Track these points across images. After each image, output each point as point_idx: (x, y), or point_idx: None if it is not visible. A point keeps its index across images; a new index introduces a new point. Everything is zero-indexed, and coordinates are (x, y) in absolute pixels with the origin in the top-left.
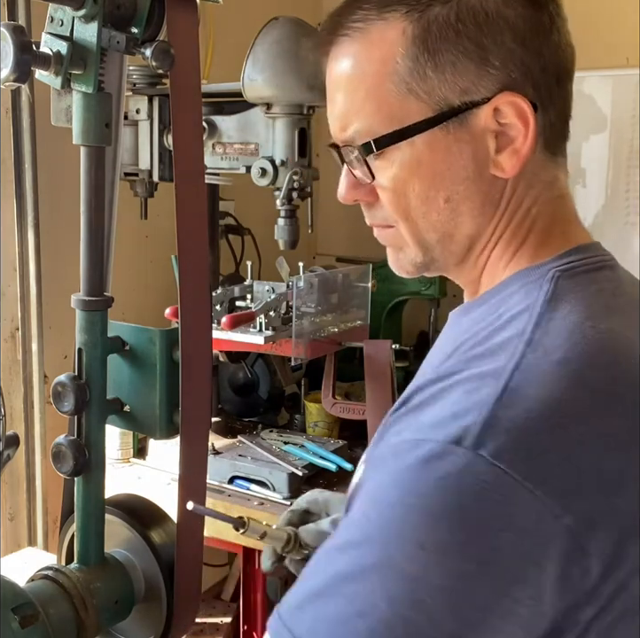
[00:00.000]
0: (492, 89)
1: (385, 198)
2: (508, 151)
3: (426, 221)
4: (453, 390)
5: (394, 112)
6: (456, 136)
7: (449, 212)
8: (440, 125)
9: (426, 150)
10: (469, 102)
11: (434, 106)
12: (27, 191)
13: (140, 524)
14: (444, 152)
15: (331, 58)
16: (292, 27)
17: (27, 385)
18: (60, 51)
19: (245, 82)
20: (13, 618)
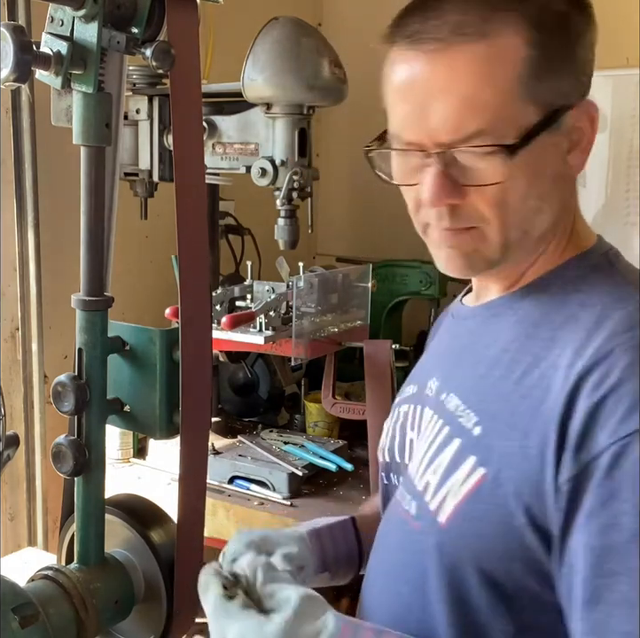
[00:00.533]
0: (579, 94)
1: (485, 197)
2: (577, 150)
3: (517, 218)
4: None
5: (514, 114)
6: (552, 138)
7: (535, 210)
8: (549, 128)
9: (533, 150)
10: (567, 105)
11: (544, 109)
12: (27, 191)
13: (140, 524)
14: (544, 153)
15: (437, 60)
16: (292, 27)
17: (27, 385)
18: (60, 51)
19: (245, 82)
20: (13, 618)
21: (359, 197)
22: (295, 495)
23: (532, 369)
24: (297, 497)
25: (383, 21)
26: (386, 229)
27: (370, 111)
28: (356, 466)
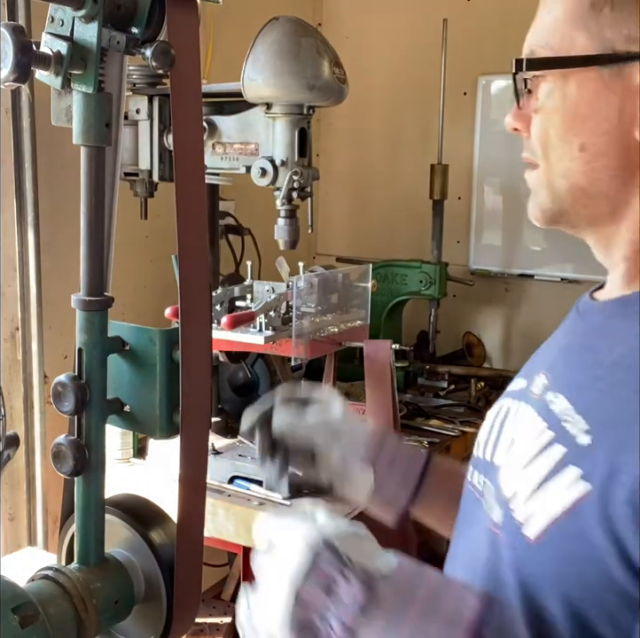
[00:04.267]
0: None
1: (533, 130)
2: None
3: (561, 165)
4: None
5: (565, 42)
6: (608, 83)
7: (583, 163)
8: (596, 66)
9: (576, 88)
10: (632, 52)
11: (599, 46)
12: (27, 191)
13: (140, 524)
14: (591, 97)
15: None
16: (292, 27)
17: (27, 385)
18: (60, 51)
19: (245, 82)
20: (13, 618)
21: (359, 197)
22: (295, 495)
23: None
24: (297, 497)
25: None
26: (386, 229)
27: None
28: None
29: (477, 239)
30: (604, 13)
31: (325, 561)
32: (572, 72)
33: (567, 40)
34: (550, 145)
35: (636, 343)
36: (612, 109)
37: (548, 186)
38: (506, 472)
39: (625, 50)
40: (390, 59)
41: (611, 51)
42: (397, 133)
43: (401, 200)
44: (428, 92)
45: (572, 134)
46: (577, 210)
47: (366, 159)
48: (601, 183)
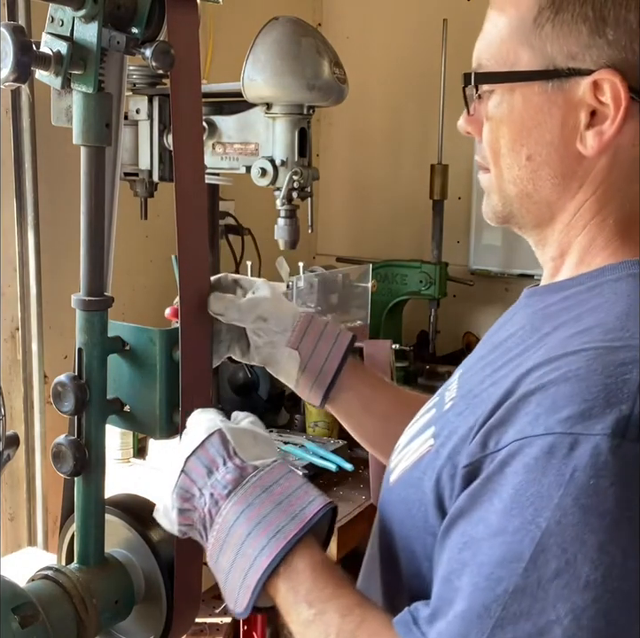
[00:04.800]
0: (598, 62)
1: (484, 137)
2: (595, 129)
3: (510, 172)
4: (590, 375)
5: (510, 57)
6: (552, 97)
7: (530, 171)
8: (540, 81)
9: (522, 101)
10: (572, 68)
11: (542, 62)
12: (27, 191)
13: (140, 524)
14: (535, 110)
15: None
16: (292, 27)
17: (27, 385)
18: (60, 51)
19: (245, 82)
20: (13, 618)
21: (359, 197)
22: None
23: (514, 359)
24: None
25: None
26: (386, 229)
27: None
28: (356, 466)
29: (477, 239)
30: (546, 30)
31: (213, 446)
32: (517, 85)
33: (512, 55)
34: (500, 154)
35: (515, 328)
36: (556, 121)
37: (499, 191)
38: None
39: (566, 67)
40: (390, 59)
41: (553, 67)
42: (397, 133)
43: (402, 200)
44: (428, 92)
45: (519, 144)
46: (523, 213)
47: (366, 159)
48: (544, 190)
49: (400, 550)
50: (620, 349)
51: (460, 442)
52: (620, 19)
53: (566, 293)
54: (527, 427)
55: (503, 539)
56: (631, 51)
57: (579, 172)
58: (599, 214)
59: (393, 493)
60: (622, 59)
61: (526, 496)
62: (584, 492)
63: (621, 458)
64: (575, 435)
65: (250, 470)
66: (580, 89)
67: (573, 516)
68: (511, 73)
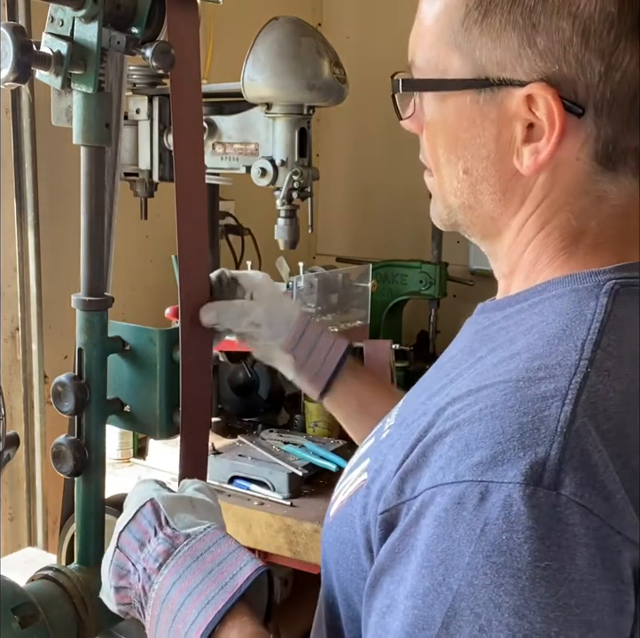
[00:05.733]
0: (530, 74)
1: (423, 142)
2: (531, 147)
3: (450, 183)
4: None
5: (439, 61)
6: (484, 109)
7: (468, 185)
8: (470, 91)
9: (454, 112)
10: (503, 79)
11: (472, 70)
12: (27, 191)
13: None
14: (468, 122)
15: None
16: (292, 27)
17: (27, 385)
18: (60, 51)
19: (245, 82)
20: (13, 618)
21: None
22: (295, 495)
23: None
24: (297, 497)
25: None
26: (386, 229)
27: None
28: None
29: None
30: (474, 35)
31: (145, 517)
32: (448, 94)
33: (443, 59)
34: (440, 163)
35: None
36: (490, 135)
37: (442, 200)
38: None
39: (496, 77)
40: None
41: (484, 76)
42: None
43: (402, 200)
44: None
45: (455, 156)
46: (469, 224)
47: (366, 159)
48: (486, 205)
49: (337, 592)
50: (543, 380)
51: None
52: (551, 26)
53: (509, 311)
54: (439, 473)
55: (414, 602)
56: (566, 63)
57: (518, 189)
58: (543, 231)
59: (330, 529)
60: (556, 72)
61: (436, 553)
62: (496, 548)
63: (536, 509)
64: (486, 483)
65: (182, 539)
66: (513, 101)
67: (485, 576)
68: (439, 82)
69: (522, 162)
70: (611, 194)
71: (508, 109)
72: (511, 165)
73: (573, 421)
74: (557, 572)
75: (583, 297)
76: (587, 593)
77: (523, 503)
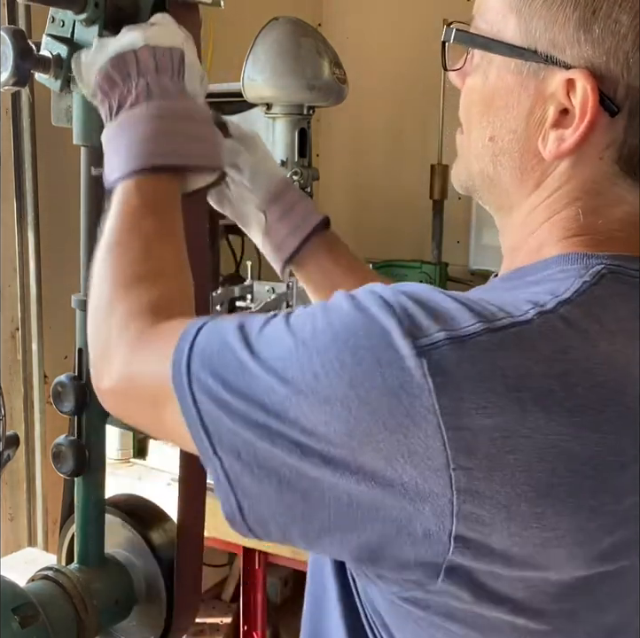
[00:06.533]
0: (578, 59)
1: (461, 97)
2: (558, 132)
3: (475, 147)
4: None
5: (496, 24)
6: (524, 81)
7: (491, 153)
8: (517, 59)
9: (496, 75)
10: (552, 56)
11: (524, 39)
12: (27, 191)
13: (140, 524)
14: (507, 90)
15: None
16: (292, 27)
17: (27, 385)
18: (60, 54)
19: (245, 82)
20: (13, 618)
21: (359, 197)
22: None
23: None
24: None
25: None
26: (386, 229)
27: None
28: None
29: (477, 239)
30: (537, 3)
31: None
32: (495, 57)
33: (501, 20)
34: (471, 123)
35: None
36: (523, 110)
37: (465, 161)
38: None
39: (546, 53)
40: (390, 59)
41: (534, 48)
42: (397, 133)
43: (401, 200)
44: (428, 92)
45: (485, 120)
46: (485, 193)
47: (366, 159)
48: (504, 178)
49: None
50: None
51: None
52: (611, 16)
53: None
54: None
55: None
56: (614, 58)
57: (536, 172)
58: (550, 220)
59: None
60: (602, 64)
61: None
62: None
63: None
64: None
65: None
66: (554, 82)
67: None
68: (491, 42)
69: (546, 146)
70: (626, 201)
71: (547, 88)
72: (535, 146)
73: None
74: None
75: (568, 276)
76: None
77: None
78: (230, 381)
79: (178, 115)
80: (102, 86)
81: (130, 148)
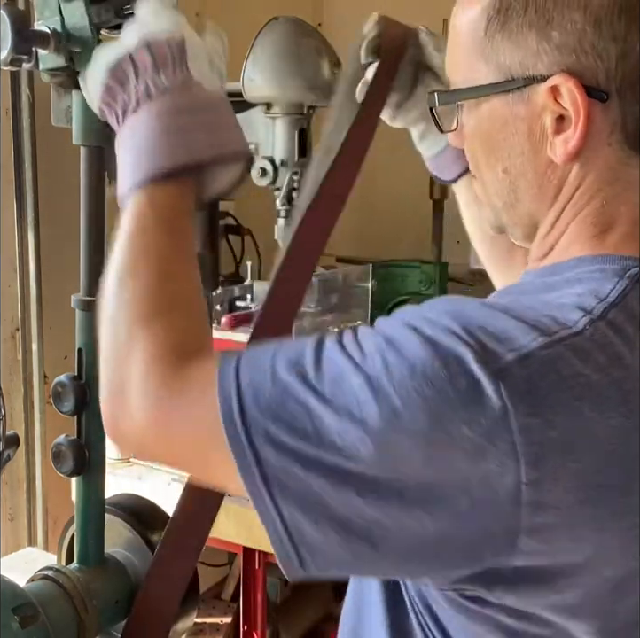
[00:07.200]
0: (551, 68)
1: (465, 151)
2: (562, 137)
3: (492, 185)
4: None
5: (470, 72)
6: (514, 109)
7: (508, 183)
8: (500, 94)
9: (487, 116)
10: (528, 76)
11: (498, 74)
12: (27, 191)
13: (140, 524)
14: (501, 123)
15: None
16: (292, 27)
17: (27, 385)
18: (56, 29)
19: (245, 82)
20: (13, 618)
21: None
22: None
23: None
24: None
25: None
26: (386, 229)
27: None
28: None
29: None
30: (497, 41)
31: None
32: (481, 100)
33: (473, 70)
34: (481, 168)
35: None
36: (522, 133)
37: (488, 203)
38: None
39: (521, 76)
40: None
41: (510, 78)
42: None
43: (402, 200)
44: None
45: (493, 158)
46: (512, 225)
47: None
48: (525, 201)
49: None
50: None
51: None
52: (564, 20)
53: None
54: None
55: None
56: (582, 52)
57: (553, 181)
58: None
59: None
60: (574, 62)
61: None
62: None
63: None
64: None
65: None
66: (539, 96)
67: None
68: (471, 90)
69: (555, 152)
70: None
71: (536, 105)
72: (546, 157)
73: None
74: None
75: (607, 276)
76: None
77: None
78: (296, 427)
79: (181, 109)
80: (105, 99)
81: (136, 156)
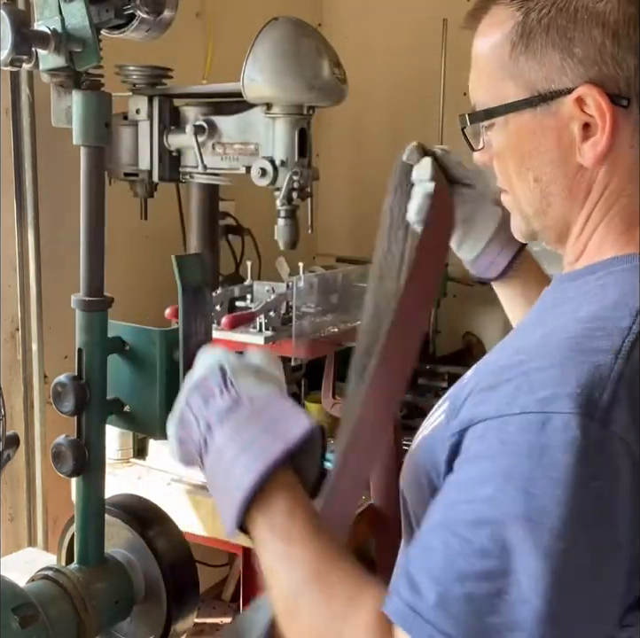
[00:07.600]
0: (575, 80)
1: (495, 167)
2: (590, 142)
3: (524, 195)
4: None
5: (498, 92)
6: (542, 121)
7: (539, 191)
8: (527, 109)
9: (516, 130)
10: (554, 91)
11: (525, 91)
12: (27, 191)
13: (140, 524)
14: (529, 135)
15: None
16: (292, 27)
17: (27, 385)
18: (56, 29)
19: (245, 82)
20: (13, 618)
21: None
22: None
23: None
24: None
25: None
26: None
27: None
28: None
29: None
30: (522, 62)
31: (212, 379)
32: (509, 117)
33: (500, 90)
34: (512, 180)
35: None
36: (551, 142)
37: (519, 212)
38: None
39: (547, 91)
40: (390, 60)
41: (537, 93)
42: (397, 133)
43: None
44: (428, 92)
45: (524, 169)
46: (544, 230)
47: (366, 159)
48: (557, 206)
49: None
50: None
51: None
52: (584, 37)
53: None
54: (506, 407)
55: (473, 506)
56: (603, 64)
57: (583, 183)
58: (607, 217)
59: (409, 460)
60: (597, 73)
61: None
62: (552, 466)
63: (588, 437)
64: (548, 413)
65: (244, 400)
66: (565, 108)
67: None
68: (500, 107)
69: (584, 156)
70: None
71: (563, 115)
72: (575, 163)
73: (623, 373)
74: (601, 489)
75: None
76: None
77: (579, 430)
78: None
79: (239, 428)
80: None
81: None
